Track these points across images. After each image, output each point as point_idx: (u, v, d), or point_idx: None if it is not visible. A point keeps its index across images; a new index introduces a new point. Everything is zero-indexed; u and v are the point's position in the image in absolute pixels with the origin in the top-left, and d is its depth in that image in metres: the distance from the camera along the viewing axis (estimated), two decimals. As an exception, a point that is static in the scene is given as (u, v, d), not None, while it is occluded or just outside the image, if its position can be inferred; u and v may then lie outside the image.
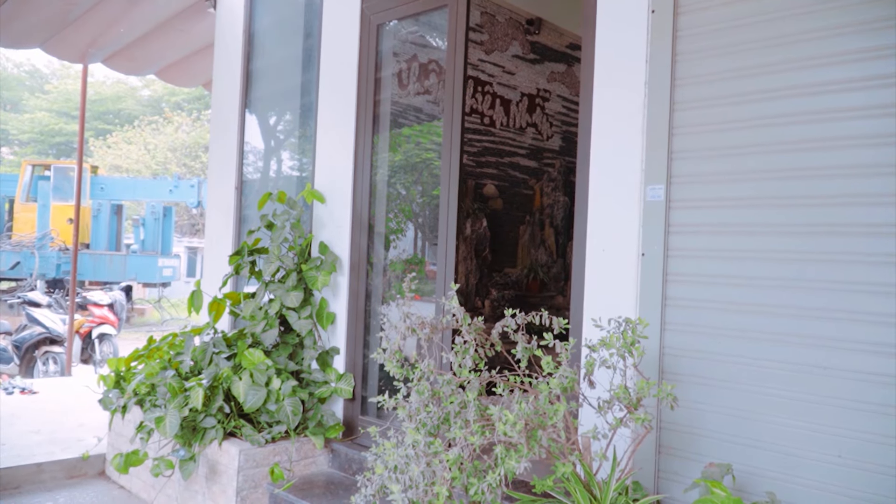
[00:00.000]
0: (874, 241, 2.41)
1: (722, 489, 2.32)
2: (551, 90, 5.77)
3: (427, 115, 4.79)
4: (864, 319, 2.42)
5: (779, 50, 2.64)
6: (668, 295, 2.88)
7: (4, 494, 4.39)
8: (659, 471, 2.86)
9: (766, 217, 2.65)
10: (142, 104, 29.26)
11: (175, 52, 7.26)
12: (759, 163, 2.67)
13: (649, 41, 2.96)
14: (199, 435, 3.91)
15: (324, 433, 4.08)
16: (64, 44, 6.82)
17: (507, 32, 5.33)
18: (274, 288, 4.41)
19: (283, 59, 5.24)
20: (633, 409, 2.48)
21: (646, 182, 2.94)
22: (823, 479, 2.48)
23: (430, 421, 2.56)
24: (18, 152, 28.80)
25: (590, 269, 3.14)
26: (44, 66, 30.63)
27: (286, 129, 5.34)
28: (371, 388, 4.37)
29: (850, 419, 2.44)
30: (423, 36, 4.83)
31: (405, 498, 2.40)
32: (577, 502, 2.40)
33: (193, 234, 26.36)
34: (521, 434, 2.35)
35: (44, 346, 9.14)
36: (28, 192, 16.75)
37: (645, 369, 2.75)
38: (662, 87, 2.91)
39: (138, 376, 4.43)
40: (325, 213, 4.61)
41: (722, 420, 2.72)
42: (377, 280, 4.48)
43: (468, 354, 2.65)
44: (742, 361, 2.68)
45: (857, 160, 2.46)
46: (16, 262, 15.29)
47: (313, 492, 3.79)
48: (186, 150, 26.53)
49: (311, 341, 4.40)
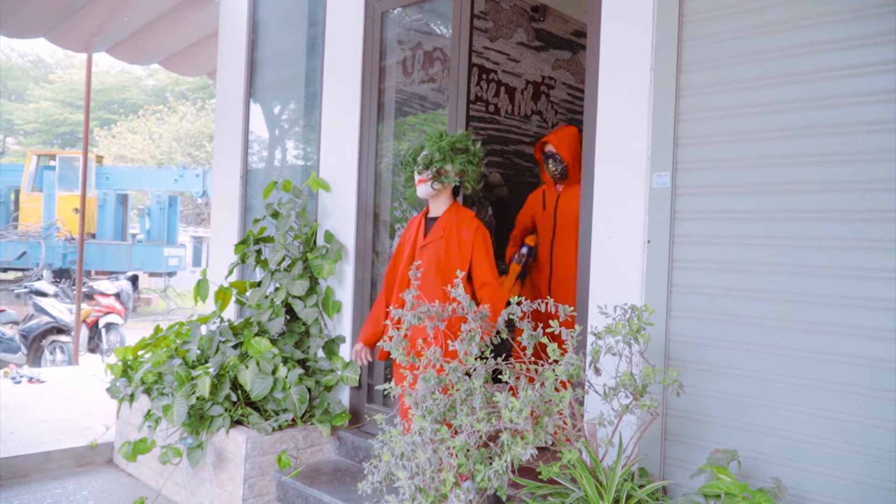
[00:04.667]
0: (881, 226, 2.40)
1: (728, 475, 2.32)
2: (556, 78, 5.75)
3: (432, 104, 4.78)
4: (871, 305, 2.41)
5: (785, 35, 2.63)
6: (674, 282, 2.88)
7: (13, 483, 4.43)
8: (665, 457, 2.86)
9: (772, 203, 2.64)
10: (146, 94, 29.23)
11: (179, 41, 7.24)
12: (766, 149, 2.66)
13: (655, 27, 2.94)
14: (207, 423, 3.94)
15: (330, 421, 4.09)
16: (68, 33, 6.81)
17: (511, 19, 5.30)
18: (280, 277, 4.41)
19: (287, 48, 5.23)
20: (638, 396, 2.48)
21: (651, 169, 2.93)
22: (829, 465, 2.48)
23: (436, 408, 2.57)
24: (24, 142, 28.84)
25: (595, 256, 3.14)
26: (48, 55, 30.61)
27: (291, 117, 5.34)
28: (377, 375, 4.38)
29: (856, 405, 2.43)
30: (428, 23, 4.81)
31: (412, 484, 2.41)
32: (584, 489, 2.41)
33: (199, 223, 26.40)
34: (528, 421, 2.36)
35: (51, 336, 9.18)
36: (33, 182, 16.77)
37: (651, 356, 2.75)
38: (668, 74, 2.90)
39: (145, 365, 4.45)
40: (331, 201, 4.61)
41: (728, 406, 2.72)
42: (382, 268, 4.48)
43: (474, 342, 2.65)
44: (748, 347, 2.68)
45: (863, 146, 2.45)
46: (22, 252, 15.34)
47: (320, 479, 3.81)
48: (191, 139, 26.52)
49: (317, 330, 4.41)
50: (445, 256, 3.26)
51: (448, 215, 3.35)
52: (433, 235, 3.34)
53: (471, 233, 3.26)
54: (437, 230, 3.34)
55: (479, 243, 3.25)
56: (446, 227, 3.31)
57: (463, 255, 3.26)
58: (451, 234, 3.29)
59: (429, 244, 3.33)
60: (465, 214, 3.35)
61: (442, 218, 3.36)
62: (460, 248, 3.26)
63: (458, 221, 3.31)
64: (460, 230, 3.29)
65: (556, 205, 4.20)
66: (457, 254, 3.25)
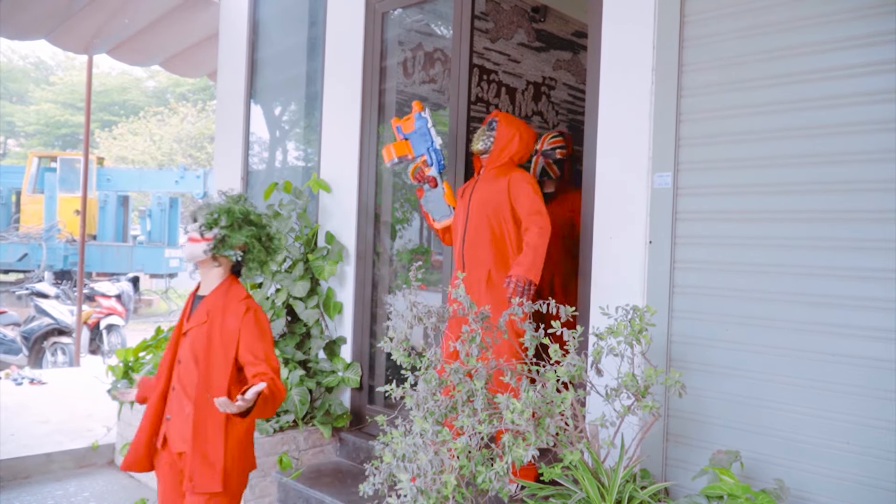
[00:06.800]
0: (883, 227, 2.39)
1: (730, 476, 2.31)
2: (557, 78, 5.74)
3: (433, 104, 4.77)
4: (873, 306, 2.41)
5: (786, 35, 2.62)
6: (676, 282, 2.87)
7: (14, 484, 4.42)
8: (667, 458, 2.86)
9: (774, 204, 2.64)
10: (147, 95, 29.22)
11: (180, 42, 7.24)
12: (767, 149, 2.65)
13: (656, 27, 2.94)
14: (208, 424, 3.92)
15: (331, 422, 4.09)
16: (69, 35, 6.81)
17: (512, 20, 5.29)
18: (281, 278, 4.41)
19: (288, 49, 5.23)
20: (640, 397, 2.48)
21: (653, 169, 2.93)
22: (832, 466, 2.47)
23: (437, 409, 2.56)
24: (24, 144, 28.83)
25: (597, 257, 3.13)
26: (49, 57, 30.61)
27: (291, 118, 5.33)
28: (378, 377, 4.38)
29: (858, 406, 2.43)
30: (428, 24, 4.81)
31: (413, 486, 2.40)
32: (586, 490, 2.40)
33: (200, 224, 26.32)
34: (529, 422, 2.35)
35: (52, 337, 9.17)
36: (34, 183, 16.75)
37: (652, 357, 2.75)
38: (670, 74, 2.89)
39: (147, 366, 4.45)
40: (332, 202, 4.60)
41: (730, 407, 2.71)
42: (384, 270, 4.48)
43: (475, 343, 2.64)
44: (750, 348, 2.68)
45: (865, 146, 2.44)
46: (23, 254, 15.32)
47: (322, 480, 3.80)
48: (192, 140, 26.51)
49: (319, 331, 4.41)
50: (206, 350, 2.64)
51: (216, 295, 2.73)
52: (196, 319, 2.71)
53: (237, 319, 2.65)
54: (200, 313, 2.71)
55: (247, 328, 2.65)
56: (211, 310, 2.69)
57: (226, 349, 2.64)
58: (216, 320, 2.68)
59: (190, 330, 2.71)
60: (236, 294, 2.73)
61: (210, 298, 2.74)
62: (223, 339, 2.65)
63: (226, 305, 2.70)
64: (225, 316, 2.68)
65: (472, 191, 3.47)
66: (220, 347, 2.64)
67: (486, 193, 3.38)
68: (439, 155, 3.62)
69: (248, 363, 2.62)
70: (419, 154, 3.63)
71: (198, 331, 2.68)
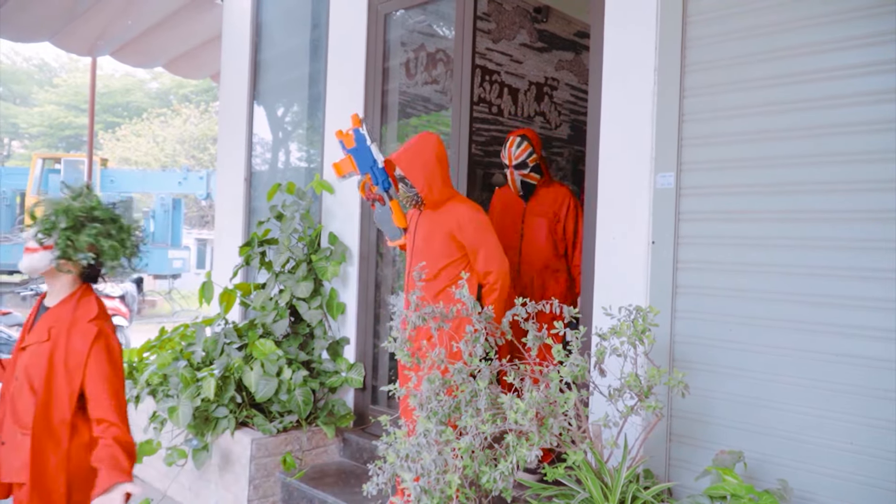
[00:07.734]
0: (884, 227, 2.39)
1: (734, 476, 2.32)
2: (559, 78, 5.74)
3: (435, 105, 4.78)
4: (876, 306, 2.41)
5: (788, 35, 2.62)
6: (679, 283, 2.87)
7: (20, 484, 4.43)
8: (670, 458, 2.86)
9: (776, 204, 2.64)
10: (150, 97, 29.28)
11: (183, 44, 7.27)
12: (770, 149, 2.65)
13: (659, 27, 2.94)
14: (212, 425, 3.94)
15: (335, 422, 4.10)
16: (72, 37, 6.84)
17: (514, 21, 5.30)
18: (284, 278, 4.42)
19: (290, 50, 5.24)
20: (643, 397, 2.48)
21: (656, 169, 2.93)
22: (835, 466, 2.47)
23: (441, 409, 2.57)
24: (29, 146, 28.90)
25: (600, 257, 3.14)
26: (52, 59, 30.69)
27: (294, 119, 5.34)
28: (381, 377, 4.38)
29: (861, 406, 2.43)
30: (431, 25, 4.81)
31: (417, 486, 2.41)
32: (589, 490, 2.40)
33: (203, 225, 26.42)
34: (533, 422, 2.36)
35: (56, 338, 9.19)
36: (39, 185, 16.78)
37: (655, 357, 2.75)
38: (672, 74, 2.89)
39: (151, 367, 4.46)
40: (335, 203, 4.61)
41: (733, 407, 2.72)
42: (387, 270, 4.49)
43: (478, 343, 2.65)
44: (753, 349, 2.68)
45: (866, 146, 2.44)
46: (27, 255, 15.35)
47: (325, 480, 3.81)
48: (195, 142, 26.55)
49: (322, 331, 4.42)
50: (46, 377, 2.27)
51: (63, 309, 2.34)
52: (36, 335, 2.33)
53: (85, 343, 2.28)
54: (41, 329, 2.33)
55: (96, 361, 2.28)
56: (55, 328, 2.31)
57: (70, 376, 2.28)
58: (59, 340, 2.30)
59: (28, 347, 2.34)
60: (86, 311, 2.34)
61: (54, 311, 2.36)
62: (67, 364, 2.29)
63: (73, 322, 2.31)
64: (71, 336, 2.30)
65: (416, 227, 3.25)
66: (62, 373, 2.28)
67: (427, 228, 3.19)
68: (384, 173, 3.37)
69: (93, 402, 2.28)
70: (363, 172, 3.38)
71: (37, 349, 2.31)
